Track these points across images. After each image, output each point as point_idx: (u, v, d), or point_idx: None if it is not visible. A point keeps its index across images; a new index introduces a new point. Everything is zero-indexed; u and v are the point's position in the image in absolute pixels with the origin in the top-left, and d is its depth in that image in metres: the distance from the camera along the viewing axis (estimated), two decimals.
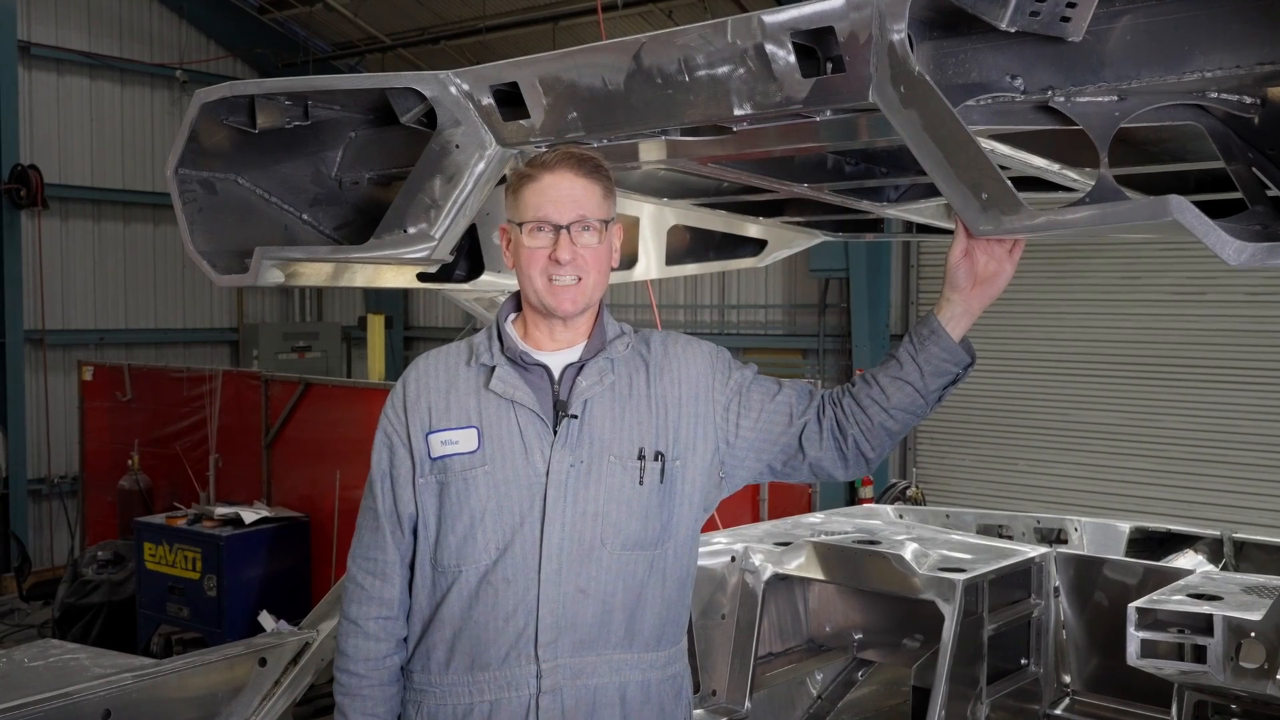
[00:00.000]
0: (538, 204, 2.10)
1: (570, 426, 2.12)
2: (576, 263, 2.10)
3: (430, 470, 2.14)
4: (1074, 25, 1.62)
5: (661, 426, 2.16)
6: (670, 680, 2.20)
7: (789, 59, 1.81)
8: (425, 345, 15.84)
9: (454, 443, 2.12)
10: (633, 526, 2.11)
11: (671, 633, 2.20)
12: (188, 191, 2.49)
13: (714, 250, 3.55)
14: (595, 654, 2.10)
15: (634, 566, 2.12)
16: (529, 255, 2.12)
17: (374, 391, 9.16)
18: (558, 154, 2.10)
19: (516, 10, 12.84)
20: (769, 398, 2.21)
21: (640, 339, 2.26)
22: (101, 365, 11.31)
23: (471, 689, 2.10)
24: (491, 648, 2.08)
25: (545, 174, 2.10)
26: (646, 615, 2.14)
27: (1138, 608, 2.87)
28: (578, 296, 2.13)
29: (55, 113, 13.29)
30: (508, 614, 2.08)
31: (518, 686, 2.08)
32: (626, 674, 2.12)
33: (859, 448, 2.14)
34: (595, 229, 2.12)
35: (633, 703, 2.13)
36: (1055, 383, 10.40)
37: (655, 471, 2.13)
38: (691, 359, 2.23)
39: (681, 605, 2.23)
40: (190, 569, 8.42)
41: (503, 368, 2.15)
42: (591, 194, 2.11)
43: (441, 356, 2.24)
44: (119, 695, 2.51)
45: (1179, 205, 1.49)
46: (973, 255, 1.99)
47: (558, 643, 2.07)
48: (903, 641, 3.75)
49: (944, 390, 2.10)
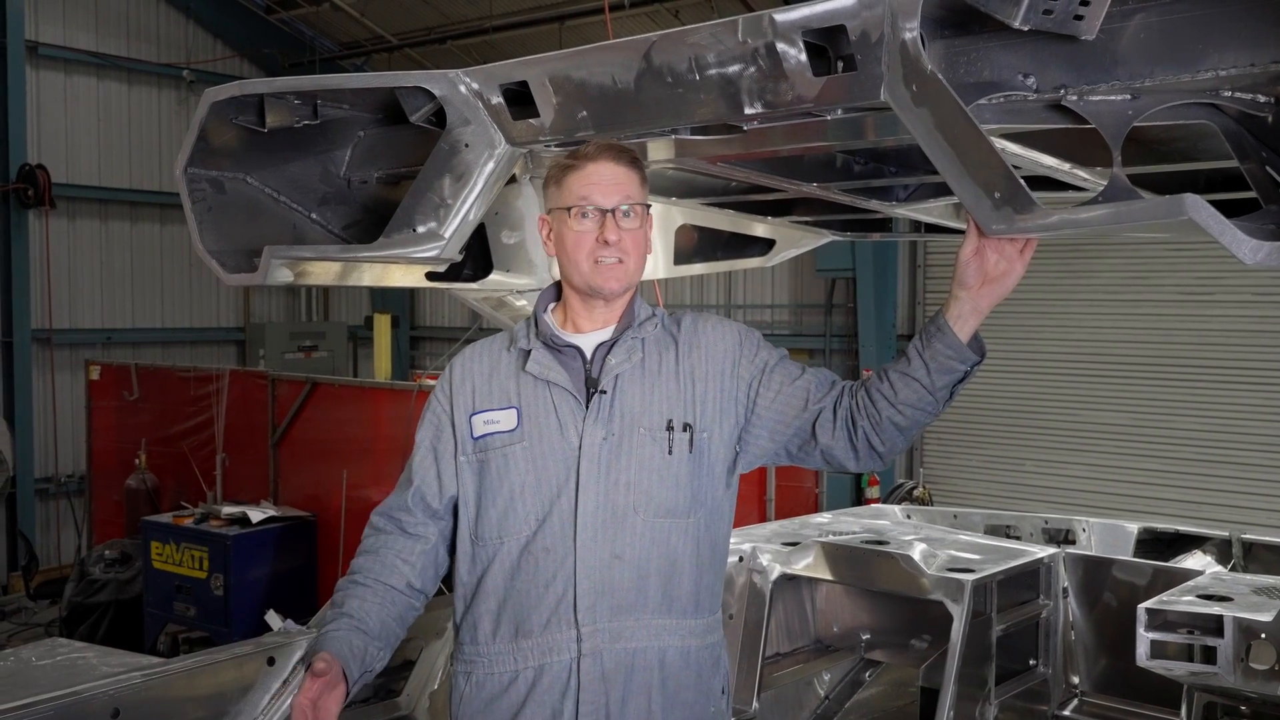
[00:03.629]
0: (583, 189, 2.19)
1: (601, 401, 2.22)
2: (622, 244, 2.20)
3: (473, 449, 2.27)
4: (1087, 24, 1.61)
5: (690, 400, 2.24)
6: (709, 649, 2.28)
7: (800, 58, 1.81)
8: (432, 345, 15.87)
9: (495, 422, 2.25)
10: (664, 495, 2.20)
11: (708, 601, 2.28)
12: (197, 191, 2.50)
13: (722, 250, 3.55)
14: (633, 618, 2.18)
15: (666, 534, 2.20)
16: (576, 238, 2.20)
17: (380, 391, 9.16)
18: (598, 145, 2.20)
19: (523, 10, 12.84)
20: (789, 380, 2.27)
21: (673, 319, 2.35)
22: (109, 364, 11.31)
23: (516, 656, 2.20)
24: (534, 614, 2.18)
25: (588, 163, 2.19)
26: (682, 582, 2.22)
27: (1147, 609, 2.87)
28: (622, 276, 2.23)
29: (62, 112, 13.29)
30: (548, 581, 2.18)
31: (559, 651, 2.17)
32: (665, 639, 2.20)
33: (868, 440, 2.17)
34: (637, 212, 2.21)
35: (671, 667, 2.21)
36: (1063, 383, 10.38)
37: (684, 442, 2.22)
38: (720, 336, 2.31)
39: (715, 575, 2.31)
40: (197, 568, 8.43)
41: (538, 350, 2.27)
42: (632, 180, 2.21)
43: (485, 345, 2.37)
44: (128, 694, 2.50)
45: (1194, 204, 1.49)
46: (983, 254, 1.98)
47: (596, 607, 2.16)
48: (911, 642, 3.74)
49: (953, 388, 2.10)
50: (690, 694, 2.23)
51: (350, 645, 2.19)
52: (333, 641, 2.19)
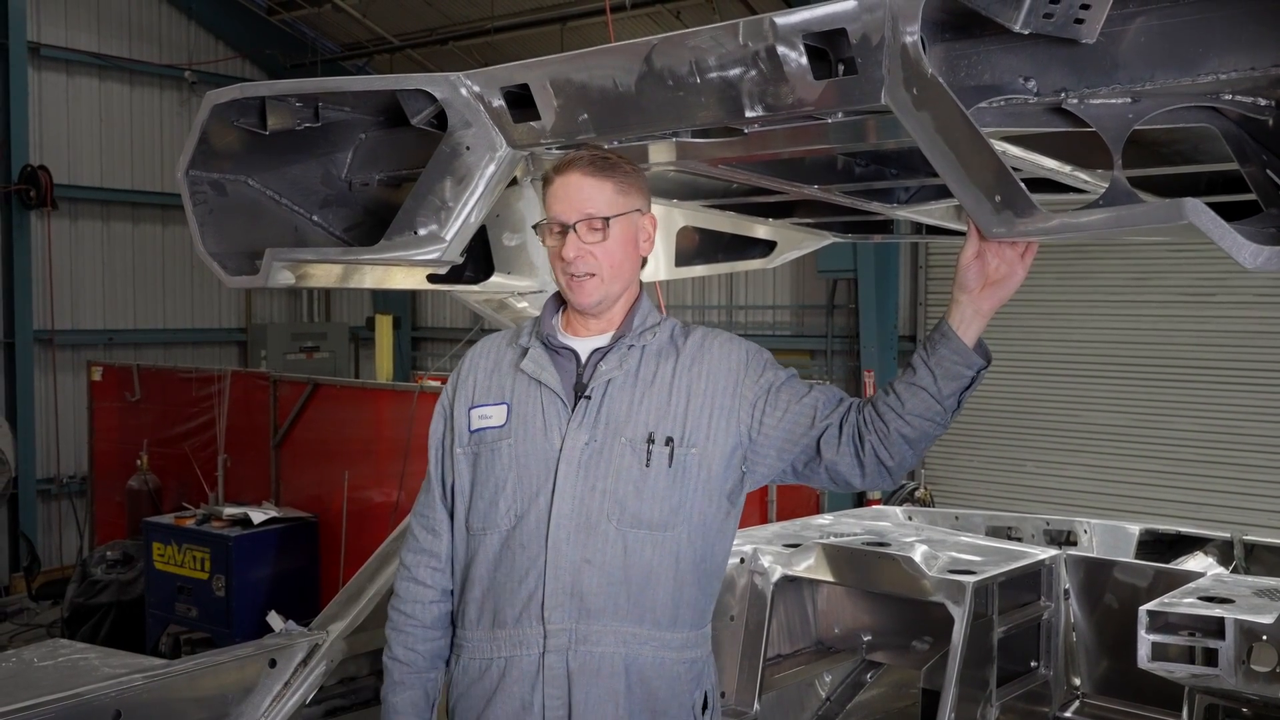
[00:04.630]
0: (551, 205, 2.24)
1: (586, 407, 2.23)
2: (584, 259, 2.21)
3: (469, 441, 2.32)
4: (1088, 27, 1.61)
5: (679, 414, 2.23)
6: (688, 663, 2.27)
7: (801, 61, 1.81)
8: (433, 346, 15.88)
9: (489, 417, 2.30)
10: (638, 506, 2.20)
11: (689, 616, 2.27)
12: (198, 193, 2.50)
13: (723, 251, 3.55)
14: (600, 624, 2.19)
15: (639, 545, 2.20)
16: (550, 254, 2.28)
17: (382, 392, 9.17)
18: (568, 157, 2.21)
19: (524, 11, 12.85)
20: (796, 398, 2.26)
21: (683, 332, 2.35)
22: (110, 365, 11.32)
23: (492, 645, 2.25)
24: (509, 607, 2.23)
25: (557, 177, 2.23)
26: (657, 594, 2.21)
27: (1149, 610, 2.86)
28: (593, 290, 2.24)
29: (64, 113, 13.31)
30: (521, 576, 2.22)
31: (528, 645, 2.21)
32: (634, 647, 2.21)
33: (876, 455, 2.14)
34: (597, 226, 2.21)
35: (640, 675, 2.21)
36: (1064, 384, 10.38)
37: (663, 456, 2.21)
38: (727, 354, 2.30)
39: (700, 590, 2.29)
40: (199, 569, 8.43)
41: (535, 349, 2.30)
42: (600, 192, 2.20)
43: (497, 339, 2.42)
44: (130, 695, 2.51)
45: (1194, 208, 1.49)
46: (984, 258, 1.98)
47: (564, 607, 2.19)
48: (912, 643, 3.74)
49: (960, 396, 2.09)
50: (661, 704, 2.23)
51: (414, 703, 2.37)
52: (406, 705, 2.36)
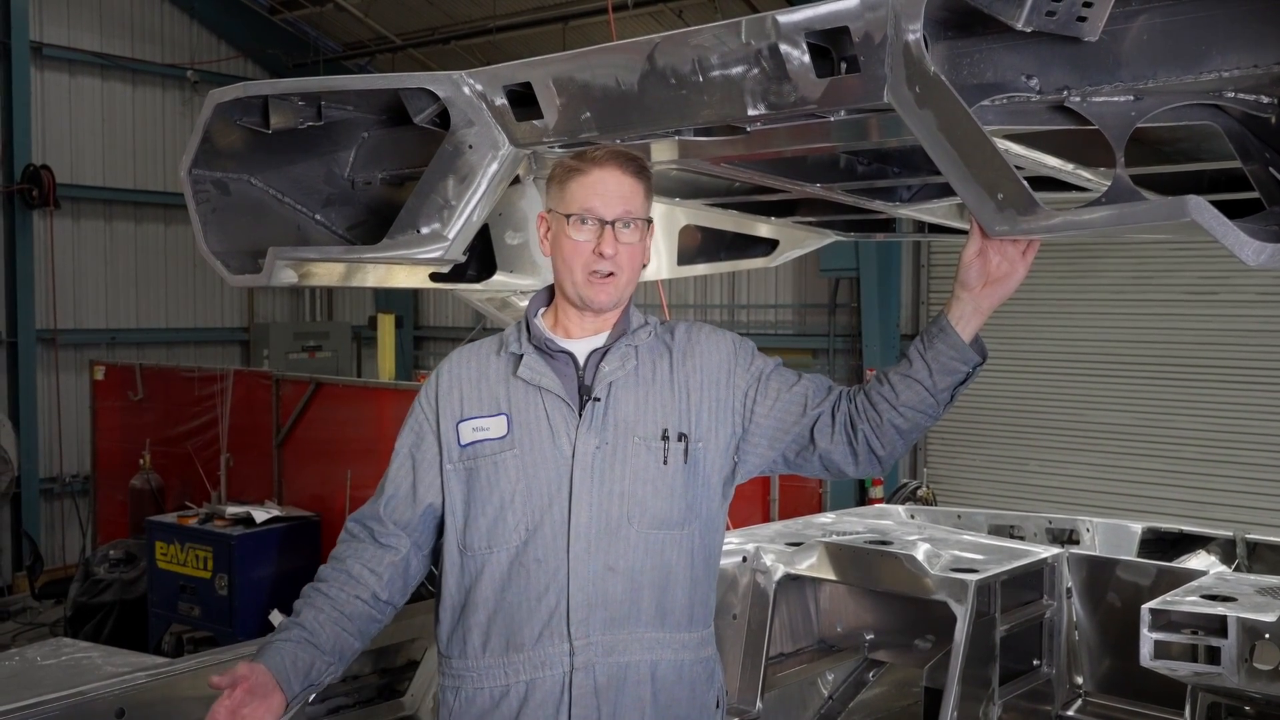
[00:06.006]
0: (585, 197, 2.14)
1: (595, 409, 2.17)
2: (618, 258, 2.15)
3: (459, 457, 2.21)
4: (1090, 25, 1.61)
5: (684, 409, 2.21)
6: (703, 663, 2.24)
7: (804, 59, 1.81)
8: (436, 345, 15.88)
9: (485, 429, 2.20)
10: (659, 506, 2.16)
11: (701, 614, 2.24)
12: (201, 192, 2.50)
13: (725, 250, 3.55)
14: (626, 631, 2.13)
15: (660, 545, 2.16)
16: (572, 247, 2.16)
17: (384, 391, 9.17)
18: (606, 150, 2.15)
19: (527, 10, 12.84)
20: (786, 387, 2.24)
21: (665, 328, 2.31)
22: (113, 365, 11.33)
23: (507, 670, 2.14)
24: (525, 628, 2.13)
25: (594, 169, 2.14)
26: (676, 594, 2.18)
27: (1151, 609, 2.86)
28: (614, 290, 2.18)
29: (67, 113, 13.31)
30: (540, 593, 2.12)
31: (551, 665, 2.12)
32: (658, 652, 2.16)
33: (868, 444, 2.15)
34: (637, 226, 2.17)
35: (664, 681, 2.17)
36: (1067, 383, 10.36)
37: (679, 452, 2.18)
38: (714, 346, 2.27)
39: (709, 588, 2.28)
40: (201, 568, 8.44)
41: (530, 355, 2.21)
42: (637, 192, 2.17)
43: (474, 349, 2.31)
44: (133, 694, 2.51)
45: (1197, 206, 1.49)
46: (986, 255, 1.98)
47: (589, 620, 2.11)
48: (914, 642, 3.74)
49: (954, 390, 2.09)
50: (683, 708, 2.19)
51: (295, 658, 2.12)
52: (277, 653, 2.11)
